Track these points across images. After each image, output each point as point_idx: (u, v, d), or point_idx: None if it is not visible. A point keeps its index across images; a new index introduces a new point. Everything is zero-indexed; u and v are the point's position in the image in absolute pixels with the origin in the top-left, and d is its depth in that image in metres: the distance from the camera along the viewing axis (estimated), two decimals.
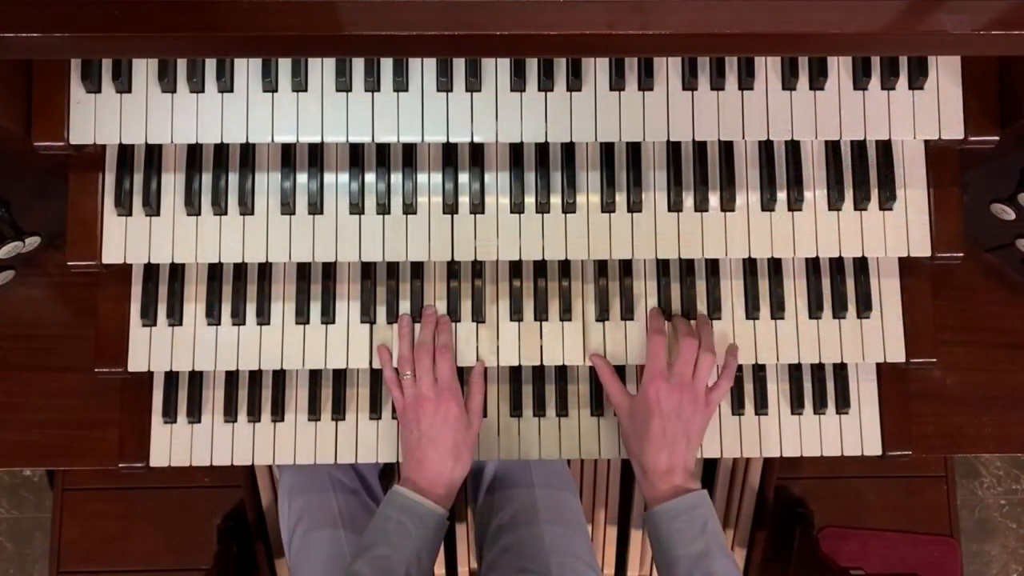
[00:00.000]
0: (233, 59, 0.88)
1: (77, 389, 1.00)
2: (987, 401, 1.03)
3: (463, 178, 0.93)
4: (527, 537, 1.05)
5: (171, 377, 0.98)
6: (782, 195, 0.94)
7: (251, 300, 0.95)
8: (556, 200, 0.93)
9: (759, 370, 0.99)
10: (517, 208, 0.93)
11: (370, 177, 0.93)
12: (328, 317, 0.96)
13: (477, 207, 0.92)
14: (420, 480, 0.90)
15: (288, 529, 1.13)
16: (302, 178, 0.93)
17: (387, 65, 0.88)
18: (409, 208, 0.92)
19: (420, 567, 0.86)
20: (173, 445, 0.97)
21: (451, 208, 0.93)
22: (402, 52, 0.82)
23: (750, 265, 0.97)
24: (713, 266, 0.97)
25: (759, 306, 0.96)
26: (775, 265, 0.98)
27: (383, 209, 0.92)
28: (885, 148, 0.94)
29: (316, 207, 0.92)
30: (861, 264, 0.97)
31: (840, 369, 1.00)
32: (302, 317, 0.95)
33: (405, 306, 0.96)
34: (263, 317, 0.95)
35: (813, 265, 0.98)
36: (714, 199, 0.93)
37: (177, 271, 0.95)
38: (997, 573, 2.00)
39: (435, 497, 0.89)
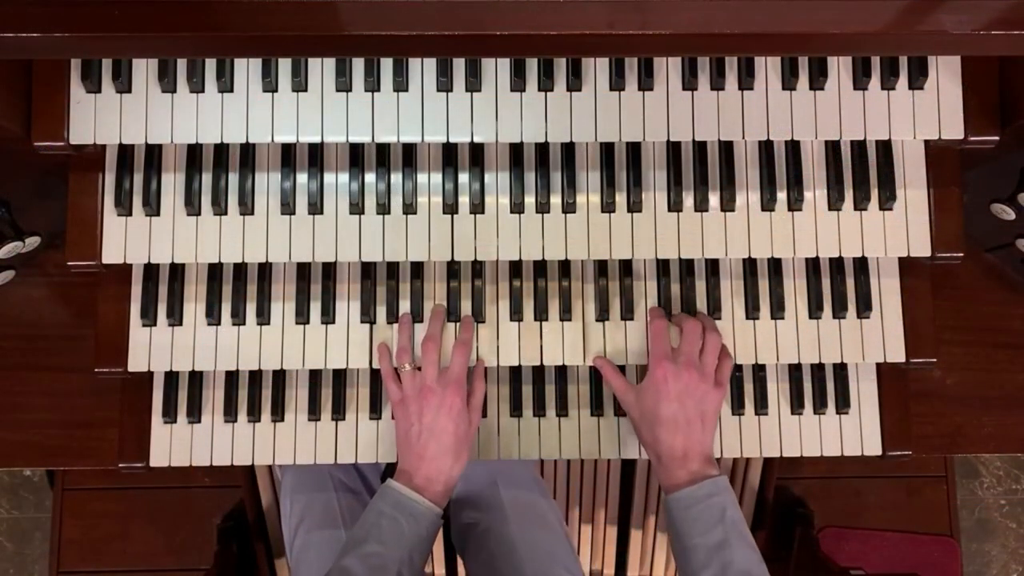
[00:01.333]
0: (233, 59, 0.88)
1: (77, 389, 0.99)
2: (987, 401, 1.03)
3: (463, 178, 0.93)
4: (501, 550, 1.03)
5: (171, 377, 0.98)
6: (782, 195, 0.94)
7: (251, 300, 0.95)
8: (556, 200, 0.93)
9: (759, 370, 0.99)
10: (517, 208, 0.93)
11: (370, 177, 0.93)
12: (328, 317, 0.95)
13: (477, 207, 0.92)
14: (417, 476, 0.88)
15: (290, 529, 1.13)
16: (302, 178, 0.92)
17: (387, 65, 0.88)
18: (409, 208, 0.92)
19: (412, 566, 0.84)
20: (173, 445, 0.97)
21: (451, 208, 0.93)
22: (402, 52, 0.82)
23: (750, 265, 0.97)
24: (713, 266, 0.97)
25: (759, 306, 0.96)
26: (775, 265, 0.98)
27: (383, 209, 0.92)
28: (885, 148, 0.94)
29: (316, 207, 0.92)
30: (861, 264, 0.97)
31: (840, 369, 0.99)
32: (302, 317, 0.95)
33: (405, 306, 0.96)
34: (263, 317, 0.95)
35: (813, 265, 0.98)
36: (714, 199, 0.93)
37: (177, 271, 0.95)
38: (997, 573, 2.00)
39: (431, 495, 0.87)
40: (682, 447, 0.86)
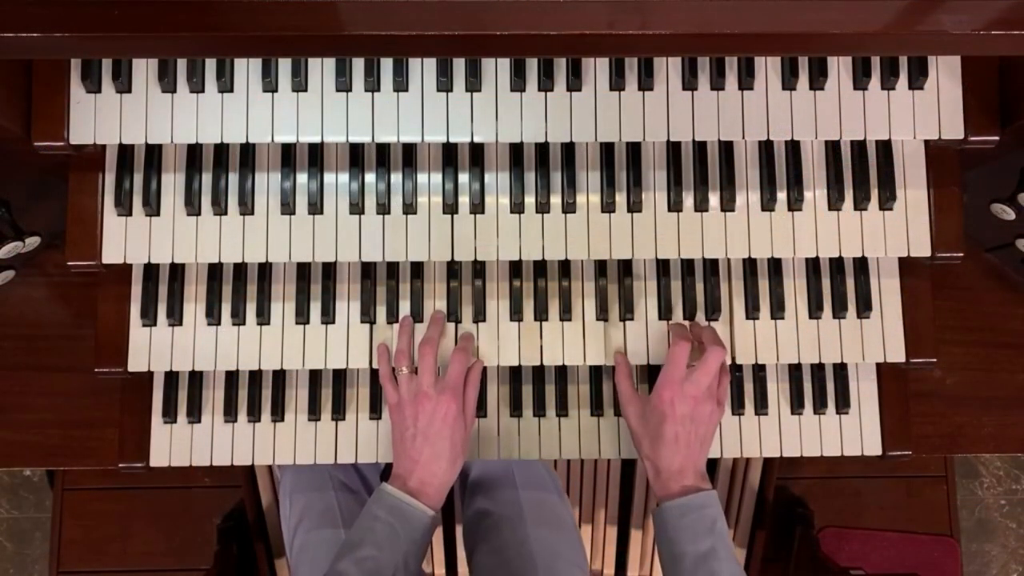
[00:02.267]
0: (233, 59, 0.88)
1: (77, 389, 1.00)
2: (987, 401, 1.03)
3: (463, 178, 0.93)
4: (512, 542, 1.03)
5: (171, 377, 0.98)
6: (782, 195, 0.94)
7: (251, 300, 0.95)
8: (556, 200, 0.93)
9: (759, 370, 0.99)
10: (517, 208, 0.93)
11: (370, 177, 0.93)
12: (328, 317, 0.95)
13: (477, 207, 0.92)
14: (411, 479, 0.88)
15: (289, 529, 1.13)
16: (302, 178, 0.93)
17: (387, 65, 0.88)
18: (409, 208, 0.92)
19: (407, 569, 0.84)
20: (173, 445, 0.97)
21: (451, 208, 0.93)
22: (402, 52, 0.82)
23: (750, 265, 0.97)
24: (713, 266, 0.97)
25: (759, 306, 0.96)
26: (775, 265, 0.98)
27: (383, 209, 0.92)
28: (885, 148, 0.94)
29: (316, 207, 0.92)
30: (861, 264, 0.97)
31: (840, 369, 0.99)
32: (302, 317, 0.95)
33: (405, 306, 0.96)
34: (263, 317, 0.95)
35: (813, 265, 0.98)
36: (714, 199, 0.93)
37: (177, 271, 0.95)
38: (997, 573, 2.01)
39: (426, 498, 0.87)
40: (680, 464, 0.88)
